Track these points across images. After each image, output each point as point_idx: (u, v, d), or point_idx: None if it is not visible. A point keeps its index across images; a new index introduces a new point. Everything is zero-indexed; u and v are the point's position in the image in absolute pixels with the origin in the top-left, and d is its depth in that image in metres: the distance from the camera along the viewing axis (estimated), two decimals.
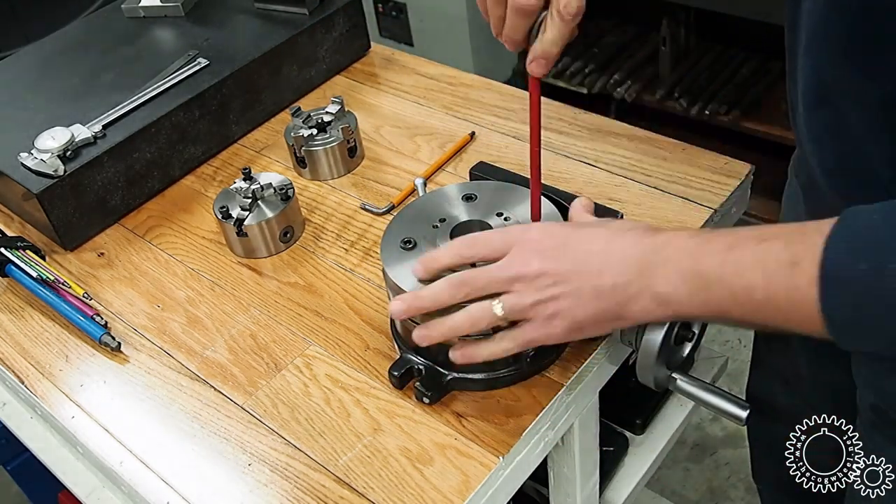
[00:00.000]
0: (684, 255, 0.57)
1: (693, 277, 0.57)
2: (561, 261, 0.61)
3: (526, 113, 1.03)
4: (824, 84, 0.60)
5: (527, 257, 0.62)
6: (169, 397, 0.77)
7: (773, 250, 0.53)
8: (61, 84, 1.06)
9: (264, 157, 1.04)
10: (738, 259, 0.55)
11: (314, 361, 0.78)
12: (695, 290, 0.57)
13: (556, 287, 0.61)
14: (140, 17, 1.16)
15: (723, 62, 2.10)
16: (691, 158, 0.92)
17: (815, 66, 0.60)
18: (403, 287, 0.69)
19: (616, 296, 0.60)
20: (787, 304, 0.52)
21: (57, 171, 0.90)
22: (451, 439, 0.69)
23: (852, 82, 0.57)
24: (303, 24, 1.09)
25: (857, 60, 0.56)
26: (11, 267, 0.89)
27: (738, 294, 0.55)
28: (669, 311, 0.59)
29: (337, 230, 0.92)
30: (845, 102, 0.58)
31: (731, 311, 0.56)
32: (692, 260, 0.57)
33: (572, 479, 0.84)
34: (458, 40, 2.26)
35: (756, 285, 0.53)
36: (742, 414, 0.68)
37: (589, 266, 0.60)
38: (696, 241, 0.58)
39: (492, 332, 0.66)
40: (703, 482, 1.69)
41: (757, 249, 0.54)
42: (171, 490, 0.70)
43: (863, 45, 0.55)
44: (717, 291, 0.56)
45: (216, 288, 0.87)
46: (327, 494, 0.67)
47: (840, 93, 0.59)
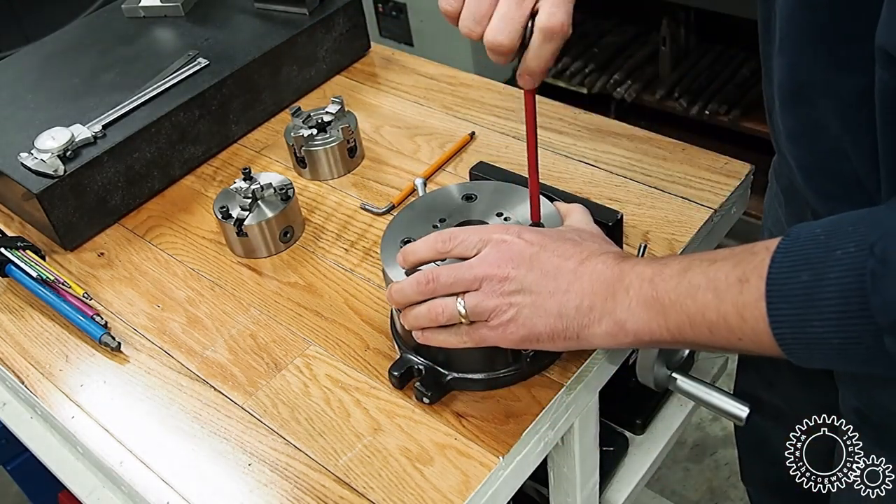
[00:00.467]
0: (643, 282, 0.59)
1: (651, 303, 0.58)
2: (531, 270, 0.62)
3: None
4: (799, 81, 0.60)
5: (497, 260, 0.63)
6: (169, 397, 0.77)
7: (724, 269, 0.54)
8: (61, 84, 1.06)
9: (264, 157, 1.04)
10: (690, 282, 0.56)
11: (314, 361, 0.78)
12: (653, 316, 0.58)
13: (520, 295, 0.62)
14: (140, 17, 1.16)
15: (723, 62, 2.10)
16: (691, 158, 0.92)
17: (790, 64, 0.60)
18: None
19: (578, 317, 0.61)
20: (738, 322, 0.53)
21: (57, 171, 0.90)
22: (451, 439, 0.69)
23: (827, 78, 0.57)
24: (303, 24, 1.09)
25: (831, 55, 0.56)
26: (11, 267, 0.89)
27: (693, 316, 0.56)
28: (630, 337, 0.60)
29: (337, 230, 0.92)
30: (821, 99, 0.58)
31: (688, 334, 0.57)
32: (650, 285, 0.58)
33: (572, 479, 0.84)
34: (458, 40, 2.26)
35: (708, 305, 0.55)
36: (742, 414, 0.68)
37: (557, 282, 0.61)
38: (653, 268, 0.59)
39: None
40: (703, 482, 1.69)
41: (709, 270, 0.55)
42: (171, 490, 0.70)
43: (834, 39, 0.55)
44: (674, 315, 0.57)
45: (216, 288, 0.87)
46: (327, 494, 0.67)
47: (815, 89, 0.59)
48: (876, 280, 0.46)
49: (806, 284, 0.49)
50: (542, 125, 1.00)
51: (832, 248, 0.49)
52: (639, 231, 0.85)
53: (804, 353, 0.52)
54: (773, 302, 0.51)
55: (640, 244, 0.81)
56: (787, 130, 0.64)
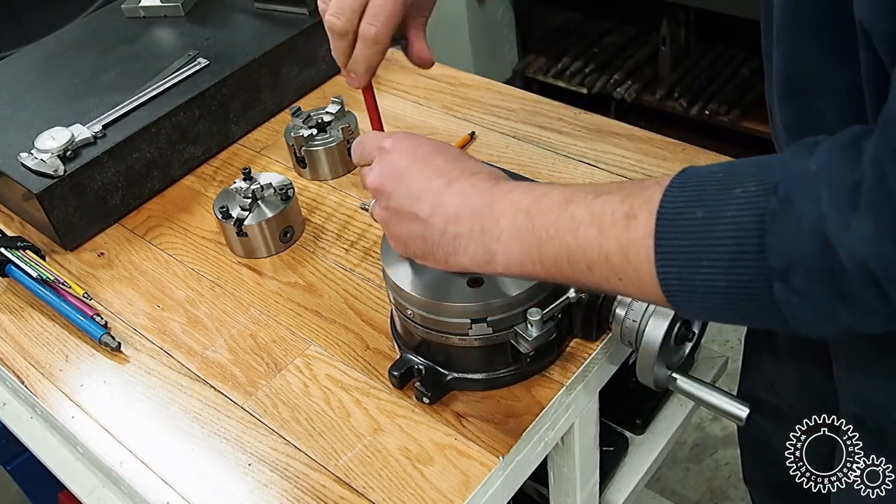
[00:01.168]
0: (518, 212, 0.55)
1: (525, 235, 0.55)
2: (401, 185, 0.61)
3: (526, 112, 1.03)
4: (795, 72, 0.59)
5: (378, 173, 0.63)
6: (169, 397, 0.77)
7: (610, 204, 0.51)
8: (61, 84, 1.06)
9: (264, 157, 1.04)
10: (572, 215, 0.52)
11: (314, 361, 0.78)
12: (525, 249, 0.55)
13: (390, 213, 0.62)
14: (140, 17, 1.16)
15: (723, 62, 2.11)
16: (691, 158, 0.92)
17: (786, 55, 0.59)
18: (403, 287, 0.69)
19: (444, 244, 0.59)
20: (621, 261, 0.50)
21: (57, 171, 0.90)
22: (451, 439, 0.69)
23: (822, 68, 0.56)
24: (303, 24, 1.09)
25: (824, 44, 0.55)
26: (11, 267, 0.89)
27: (574, 252, 0.52)
28: (499, 268, 0.58)
29: (337, 230, 0.92)
30: (816, 90, 0.57)
31: (565, 269, 0.54)
32: (525, 217, 0.55)
33: (572, 479, 0.84)
34: (458, 40, 2.26)
35: (591, 243, 0.51)
36: (742, 414, 0.68)
37: (421, 205, 0.60)
38: (531, 196, 0.56)
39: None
40: (703, 482, 1.69)
41: (593, 204, 0.52)
42: (171, 490, 0.70)
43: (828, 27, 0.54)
44: (550, 250, 0.54)
45: (216, 288, 0.87)
46: (327, 494, 0.67)
47: (810, 80, 0.57)
48: (776, 219, 0.44)
49: (700, 221, 0.46)
50: (543, 125, 1.00)
51: (731, 185, 0.46)
52: None
53: (685, 298, 0.49)
54: (662, 238, 0.48)
55: None
56: (785, 123, 0.63)
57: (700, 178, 0.48)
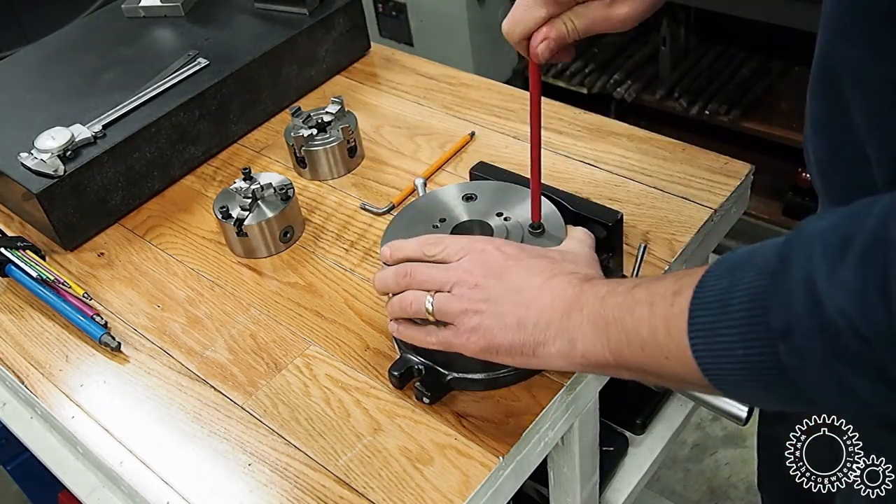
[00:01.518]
0: (596, 300, 0.57)
1: (597, 320, 0.56)
2: (500, 282, 0.62)
3: (525, 113, 1.03)
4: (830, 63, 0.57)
5: (471, 267, 0.63)
6: (169, 397, 0.77)
7: (665, 283, 0.52)
8: (61, 84, 1.06)
9: (264, 157, 1.04)
10: (634, 296, 0.54)
11: (314, 361, 0.78)
12: (598, 335, 0.56)
13: (486, 304, 0.62)
14: (140, 17, 1.16)
15: (723, 62, 2.10)
16: (691, 158, 0.92)
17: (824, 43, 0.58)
18: None
19: (535, 333, 0.60)
20: (665, 338, 0.50)
21: (57, 171, 0.90)
22: (451, 439, 0.69)
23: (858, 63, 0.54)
24: (303, 24, 1.09)
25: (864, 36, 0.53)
26: (11, 267, 0.89)
27: (630, 331, 0.53)
28: (579, 357, 0.58)
29: (337, 230, 0.92)
30: (849, 85, 0.56)
31: (625, 352, 0.54)
32: (600, 303, 0.57)
33: (572, 479, 0.84)
34: (458, 40, 2.26)
35: (643, 320, 0.52)
36: (742, 414, 0.68)
37: (521, 296, 0.61)
38: (608, 287, 0.58)
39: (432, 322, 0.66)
40: (703, 482, 1.69)
41: (653, 284, 0.53)
42: (171, 490, 0.70)
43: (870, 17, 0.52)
44: (614, 333, 0.55)
45: (216, 288, 0.87)
46: (327, 494, 0.67)
47: (844, 74, 0.56)
48: (775, 278, 0.44)
49: (723, 290, 0.47)
50: (543, 125, 1.00)
51: (755, 254, 0.47)
52: (639, 231, 0.85)
53: (717, 371, 0.48)
54: (694, 309, 0.48)
55: (640, 244, 0.81)
56: (812, 118, 0.62)
57: (740, 253, 0.49)
